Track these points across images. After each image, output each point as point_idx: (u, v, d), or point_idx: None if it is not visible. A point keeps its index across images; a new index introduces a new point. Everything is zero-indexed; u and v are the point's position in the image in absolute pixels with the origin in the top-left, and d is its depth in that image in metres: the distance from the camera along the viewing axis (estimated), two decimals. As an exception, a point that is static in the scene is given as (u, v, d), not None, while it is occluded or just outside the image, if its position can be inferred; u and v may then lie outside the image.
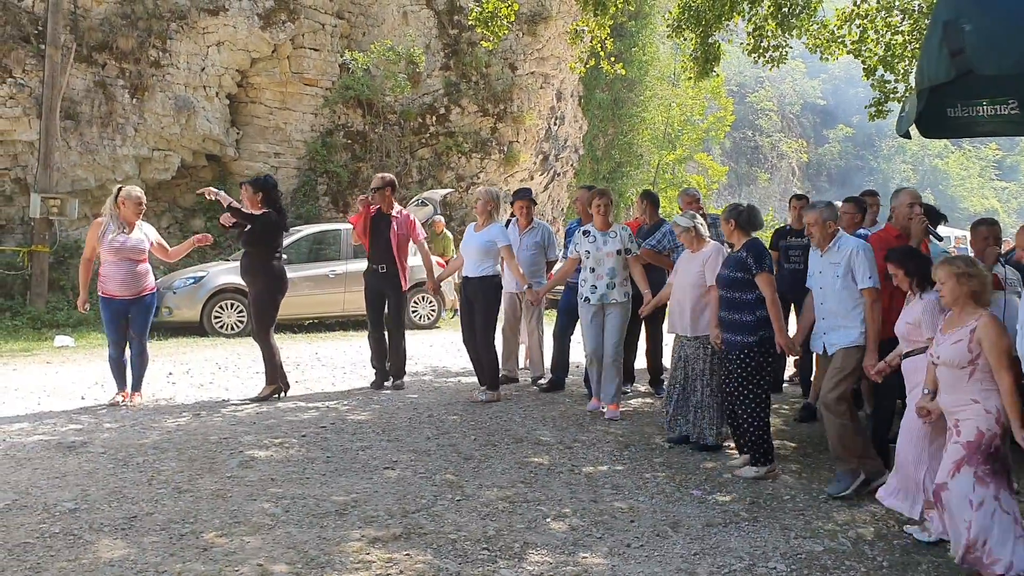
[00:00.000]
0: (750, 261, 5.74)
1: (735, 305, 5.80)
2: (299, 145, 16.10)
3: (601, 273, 7.17)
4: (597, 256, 7.17)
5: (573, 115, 21.91)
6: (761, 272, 5.71)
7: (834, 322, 5.50)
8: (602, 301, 7.17)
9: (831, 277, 5.50)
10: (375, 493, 5.07)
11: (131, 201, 7.08)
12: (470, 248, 7.76)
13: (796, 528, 4.81)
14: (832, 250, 5.53)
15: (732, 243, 6.07)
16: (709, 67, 11.08)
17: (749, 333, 5.73)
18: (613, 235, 7.20)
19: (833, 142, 59.62)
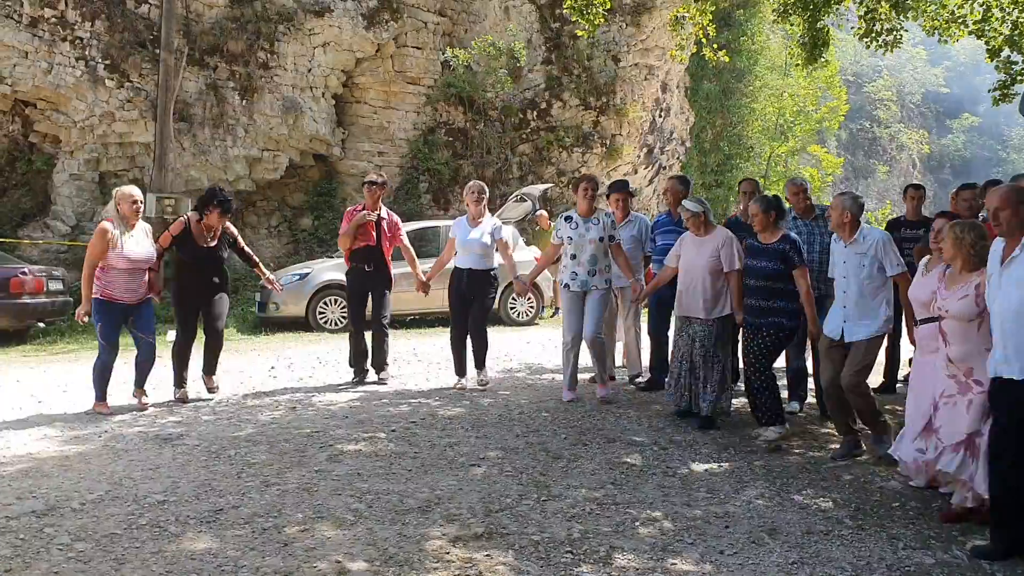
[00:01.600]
0: (793, 255, 6.10)
1: (773, 294, 6.14)
2: (402, 143, 16.27)
3: (582, 260, 7.22)
4: (579, 243, 7.22)
5: (679, 107, 21.44)
6: (802, 265, 6.13)
7: (857, 312, 5.75)
8: (583, 288, 7.22)
9: (856, 267, 5.75)
10: (459, 490, 4.98)
11: (126, 200, 6.89)
12: (472, 242, 7.81)
13: (905, 538, 4.48)
14: (857, 240, 5.78)
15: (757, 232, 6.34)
16: (817, 53, 10.55)
17: (788, 318, 6.18)
18: (596, 222, 7.24)
19: (957, 132, 56.81)
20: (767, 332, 6.19)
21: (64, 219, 13.82)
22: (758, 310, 6.22)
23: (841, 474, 5.57)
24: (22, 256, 12.89)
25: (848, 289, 5.81)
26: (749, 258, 6.33)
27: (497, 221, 8.18)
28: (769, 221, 6.22)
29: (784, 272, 6.13)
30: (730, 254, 6.54)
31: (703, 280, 6.59)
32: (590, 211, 7.35)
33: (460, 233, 7.93)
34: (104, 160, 14.05)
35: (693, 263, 6.68)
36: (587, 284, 7.26)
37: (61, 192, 13.89)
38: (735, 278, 6.50)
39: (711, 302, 6.62)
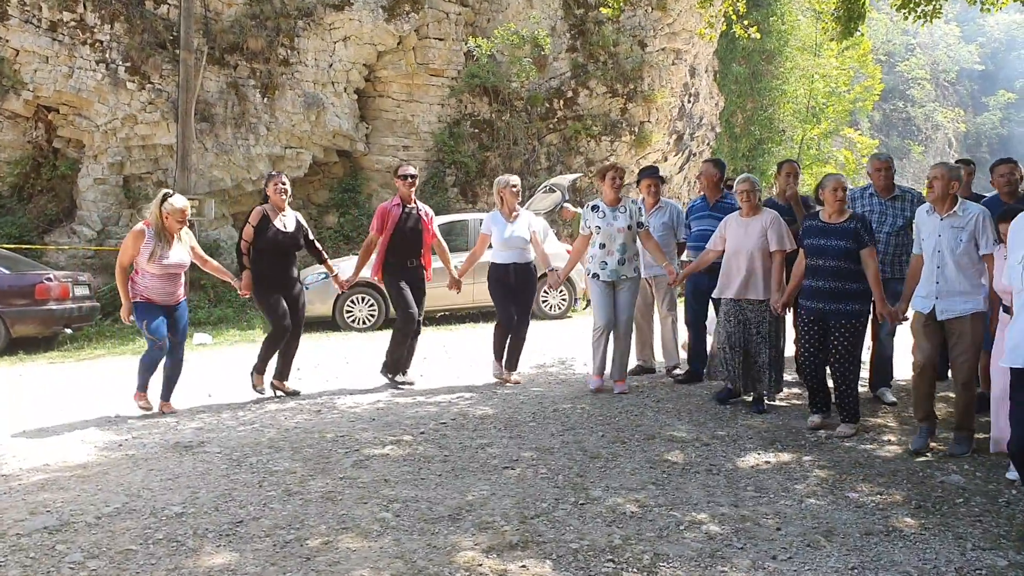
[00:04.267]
0: (864, 234, 5.84)
1: (841, 274, 5.85)
2: (427, 137, 16.01)
3: (612, 249, 7.11)
4: (608, 232, 7.10)
5: (708, 91, 20.99)
6: (872, 244, 5.87)
7: (952, 288, 5.42)
8: (613, 278, 7.08)
9: (952, 240, 5.40)
10: (492, 496, 4.70)
11: (176, 215, 6.71)
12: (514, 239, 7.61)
13: (973, 537, 4.14)
14: (956, 214, 5.44)
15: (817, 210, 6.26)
16: (853, 26, 10.09)
17: (858, 302, 5.89)
18: (623, 210, 7.16)
19: (994, 109, 55.67)
20: (842, 320, 5.89)
21: (90, 224, 13.74)
22: (828, 293, 5.91)
23: (897, 468, 5.23)
24: (48, 262, 12.82)
25: (942, 265, 5.45)
26: (816, 238, 6.00)
27: (531, 213, 7.98)
28: (839, 199, 5.95)
29: (855, 251, 5.86)
30: (778, 233, 6.45)
31: (755, 260, 6.48)
32: (617, 199, 7.24)
33: (497, 229, 7.68)
34: (128, 163, 13.95)
35: (741, 244, 6.54)
36: (617, 274, 7.13)
37: (86, 197, 13.81)
38: (780, 258, 6.43)
39: (754, 282, 6.51)
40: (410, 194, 7.71)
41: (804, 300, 6.09)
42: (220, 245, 13.78)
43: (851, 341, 5.92)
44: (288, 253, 7.26)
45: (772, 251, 6.47)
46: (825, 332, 5.98)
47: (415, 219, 7.67)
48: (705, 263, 6.98)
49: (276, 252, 7.15)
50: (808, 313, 6.04)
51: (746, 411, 6.64)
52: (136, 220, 13.82)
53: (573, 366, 8.80)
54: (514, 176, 8.00)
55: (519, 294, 7.70)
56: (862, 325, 5.97)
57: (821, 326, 5.99)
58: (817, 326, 6.01)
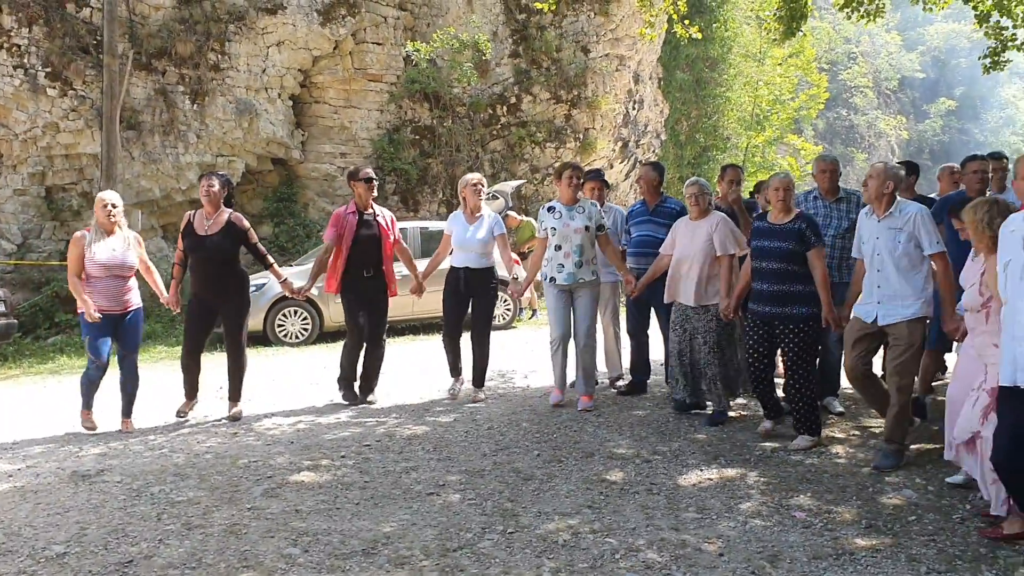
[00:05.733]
0: (810, 235, 5.62)
1: (786, 277, 5.64)
2: (365, 143, 15.55)
3: (568, 251, 6.75)
4: (564, 233, 6.75)
5: (653, 98, 20.84)
6: (819, 245, 5.65)
7: (892, 293, 5.24)
8: (570, 281, 6.72)
9: (890, 243, 5.23)
10: (413, 526, 4.32)
11: (98, 205, 6.49)
12: (471, 240, 7.22)
13: (927, 559, 3.88)
14: (894, 215, 5.28)
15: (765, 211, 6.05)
16: (796, 26, 9.95)
17: (806, 305, 5.64)
18: (580, 210, 6.83)
19: (935, 117, 56.65)
20: (790, 326, 5.65)
21: (9, 237, 13.04)
22: (773, 296, 5.69)
23: (846, 483, 4.97)
24: (-37, 279, 12.12)
25: (882, 268, 5.29)
26: (761, 240, 5.79)
27: (497, 215, 7.55)
28: (785, 199, 5.74)
29: (800, 253, 5.63)
30: (725, 237, 6.25)
31: (697, 265, 6.29)
32: (574, 199, 6.87)
33: (457, 229, 7.29)
34: (50, 173, 13.27)
35: (688, 249, 6.36)
36: (575, 277, 6.77)
37: (5, 209, 13.11)
38: (727, 262, 6.21)
39: (704, 288, 6.31)
40: (369, 198, 7.26)
41: (751, 304, 5.89)
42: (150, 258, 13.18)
43: (800, 347, 5.66)
44: (216, 260, 6.66)
45: (718, 256, 6.24)
46: (772, 337, 5.77)
47: (373, 226, 7.20)
48: (660, 269, 6.68)
49: (204, 260, 6.64)
50: (754, 317, 5.83)
51: (689, 423, 6.36)
52: (59, 232, 13.24)
53: (513, 379, 8.42)
54: (476, 174, 7.59)
55: (467, 302, 7.30)
56: (812, 330, 5.69)
57: (767, 331, 5.77)
58: (763, 331, 5.79)
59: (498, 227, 7.37)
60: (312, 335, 11.45)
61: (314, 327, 11.47)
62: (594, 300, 6.96)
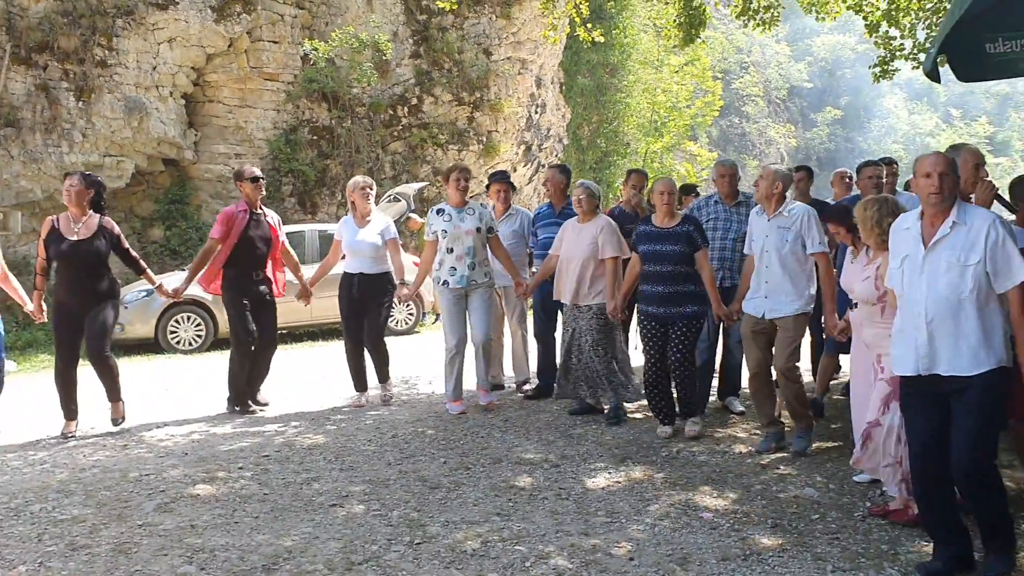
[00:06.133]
0: (697, 237, 5.87)
1: (678, 278, 5.85)
2: (261, 144, 15.07)
3: (460, 253, 6.69)
4: (455, 235, 6.68)
5: (555, 103, 20.93)
6: (705, 246, 5.92)
7: (778, 289, 5.48)
8: (464, 284, 6.67)
9: (778, 242, 5.47)
10: (316, 539, 4.15)
11: None
12: (361, 244, 7.03)
13: (832, 557, 3.94)
14: (781, 214, 5.52)
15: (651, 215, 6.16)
16: (695, 33, 10.11)
17: (696, 304, 5.91)
18: (471, 212, 6.76)
19: (822, 125, 58.82)
20: (680, 323, 5.90)
21: None
22: (666, 298, 5.88)
23: (751, 483, 5.02)
24: None
25: (770, 265, 5.52)
26: (650, 243, 5.95)
27: (388, 219, 7.34)
28: (671, 204, 5.98)
29: (690, 255, 5.86)
30: (608, 239, 6.30)
31: (585, 266, 6.33)
32: (463, 202, 6.80)
33: (348, 234, 7.08)
34: (-81, 173, 12.45)
35: (573, 250, 6.41)
36: (468, 280, 6.68)
37: None
38: (611, 264, 6.28)
39: (584, 288, 6.38)
40: (257, 198, 6.99)
41: (644, 306, 6.04)
42: (30, 262, 12.47)
43: (687, 343, 5.93)
44: (86, 266, 6.25)
45: (603, 257, 6.31)
46: (666, 338, 5.96)
47: (263, 227, 6.94)
48: (550, 270, 6.70)
49: (73, 266, 6.24)
50: (649, 319, 6.00)
51: (597, 426, 6.34)
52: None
53: (417, 385, 8.26)
54: (365, 177, 7.38)
55: (364, 308, 7.08)
56: (699, 326, 6.04)
57: (662, 331, 5.95)
58: (659, 331, 5.97)
59: (388, 231, 7.17)
60: (206, 341, 11.02)
61: (208, 333, 11.04)
62: (488, 303, 6.89)
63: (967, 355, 3.59)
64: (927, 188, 3.68)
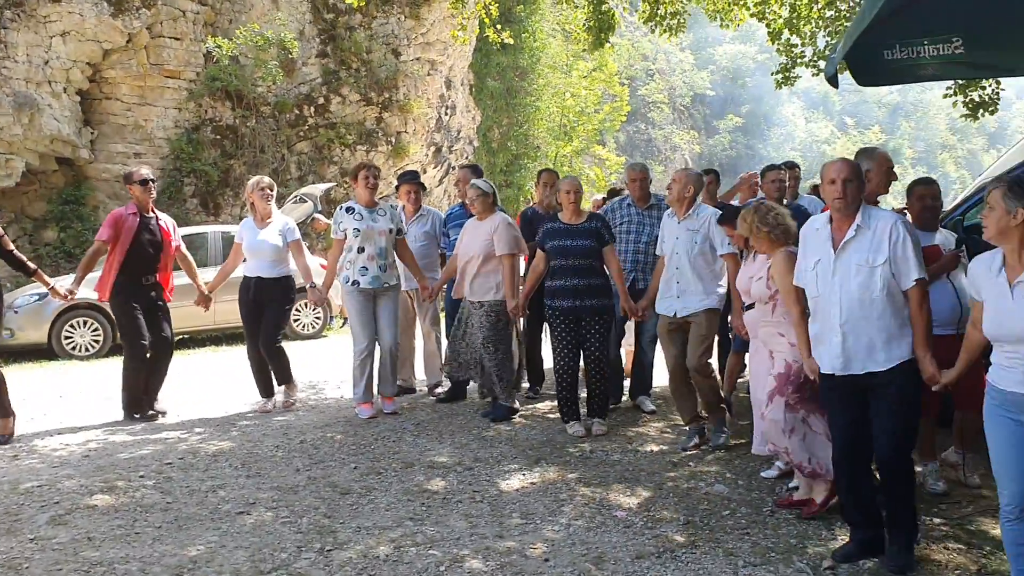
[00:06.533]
0: (605, 232, 6.04)
1: (588, 272, 5.99)
2: (162, 143, 14.58)
3: (372, 253, 6.59)
4: (367, 234, 6.57)
5: (465, 105, 20.89)
6: (612, 242, 6.12)
7: (689, 288, 5.68)
8: (376, 285, 6.58)
9: (688, 243, 5.67)
10: (222, 548, 4.00)
11: None
12: (261, 245, 6.85)
13: (743, 553, 3.99)
14: (691, 216, 5.72)
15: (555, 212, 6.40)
16: (604, 37, 10.22)
17: (605, 297, 6.06)
18: (383, 212, 6.69)
19: (723, 132, 60.36)
20: (594, 317, 6.02)
21: None
22: (578, 291, 5.98)
23: (663, 481, 5.07)
24: None
25: (680, 266, 5.72)
26: (560, 239, 6.05)
27: (290, 220, 7.13)
28: (577, 201, 6.12)
29: (598, 250, 6.02)
30: (503, 238, 6.31)
31: (479, 263, 6.36)
32: (373, 201, 6.69)
33: (248, 236, 6.86)
34: None
35: (469, 247, 6.44)
36: (380, 280, 6.57)
37: None
38: (508, 262, 6.30)
39: (477, 284, 6.40)
40: (148, 201, 6.74)
41: (554, 301, 6.09)
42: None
43: (602, 336, 6.07)
44: None
45: (500, 255, 6.31)
46: (579, 330, 6.05)
47: (154, 230, 6.69)
48: (453, 271, 6.70)
49: None
50: (561, 313, 6.06)
51: (511, 428, 6.32)
52: None
53: (325, 390, 8.07)
54: (265, 177, 7.16)
55: (263, 311, 6.88)
56: (611, 320, 6.21)
57: (575, 324, 6.04)
58: (572, 324, 6.05)
59: (291, 233, 6.98)
60: (104, 347, 10.58)
61: (106, 338, 10.60)
62: (397, 304, 6.82)
63: (881, 352, 3.72)
64: (832, 194, 3.81)
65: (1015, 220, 3.17)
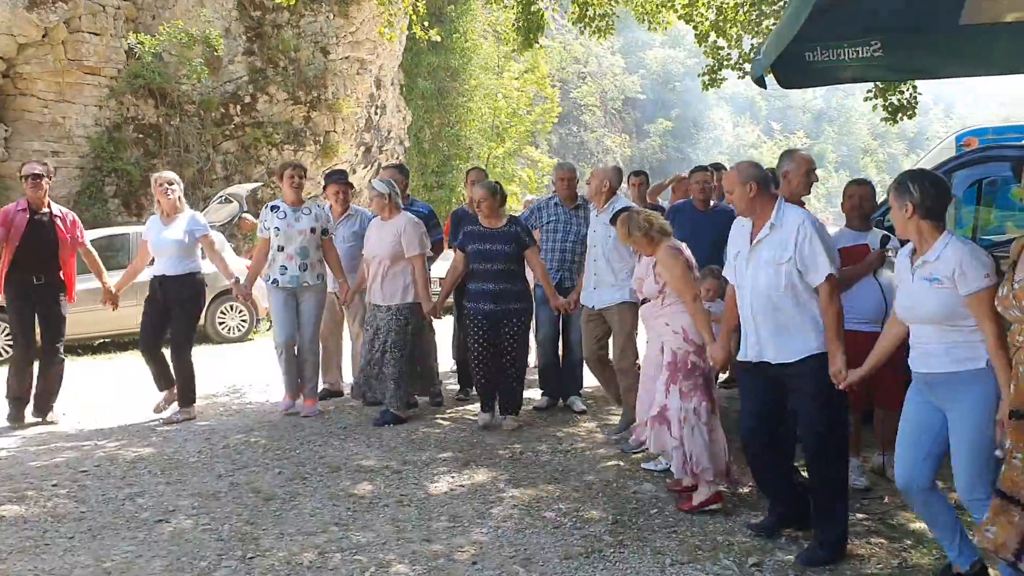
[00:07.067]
0: (525, 236, 6.14)
1: (507, 276, 6.08)
2: (81, 142, 14.12)
3: (292, 253, 6.56)
4: (288, 234, 6.56)
5: (395, 104, 20.71)
6: (533, 245, 6.21)
7: (605, 280, 5.91)
8: (294, 284, 6.56)
9: (604, 236, 5.86)
10: (139, 558, 3.87)
11: None
12: (164, 242, 6.59)
13: (670, 551, 4.01)
14: (608, 211, 5.86)
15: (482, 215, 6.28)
16: (532, 38, 10.24)
17: (523, 301, 6.20)
18: (307, 211, 6.66)
19: (653, 136, 61.11)
20: (511, 319, 6.12)
21: None
22: (496, 295, 6.09)
23: (592, 481, 5.07)
24: None
25: (598, 258, 5.94)
26: (480, 243, 6.16)
27: (198, 216, 6.91)
28: (496, 205, 6.17)
29: (516, 255, 6.13)
30: (411, 239, 6.25)
31: (385, 264, 6.30)
32: (299, 200, 6.66)
33: (153, 233, 6.63)
34: None
35: (375, 248, 6.38)
36: (299, 280, 6.54)
37: None
38: (419, 263, 6.29)
39: (387, 286, 6.33)
40: (39, 197, 6.48)
41: (473, 303, 6.19)
42: None
43: (520, 339, 6.19)
44: None
45: (408, 256, 6.27)
46: (496, 333, 6.12)
47: (47, 227, 6.45)
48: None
49: None
50: (478, 315, 6.15)
51: (441, 431, 6.26)
52: None
53: (248, 394, 7.87)
54: (165, 172, 6.94)
55: (170, 313, 6.60)
56: (528, 323, 6.33)
57: (492, 327, 6.12)
58: (488, 327, 6.13)
59: (199, 228, 6.70)
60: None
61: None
62: (319, 305, 6.76)
63: (789, 344, 3.89)
64: (728, 200, 4.22)
65: (907, 213, 3.40)
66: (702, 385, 4.63)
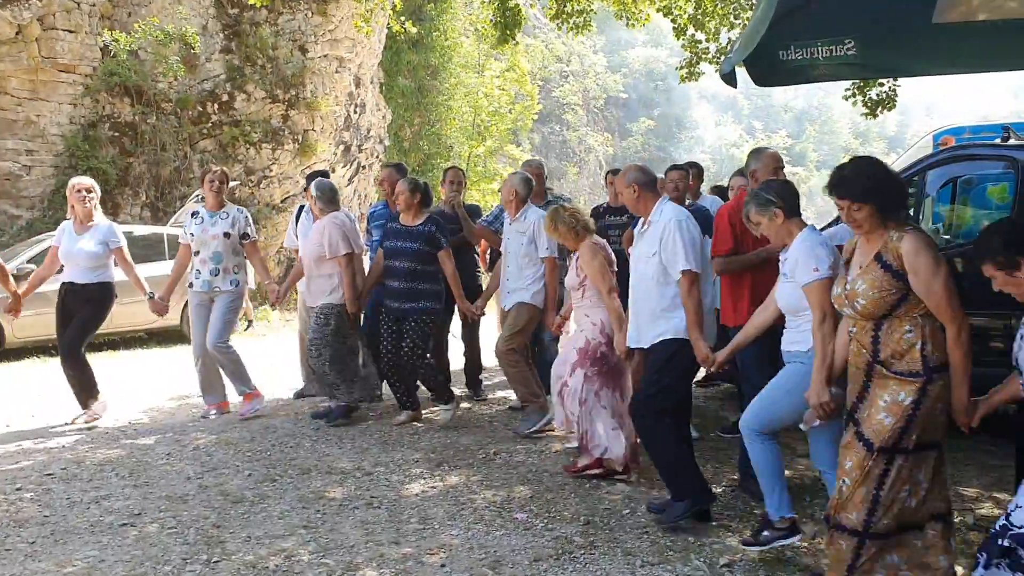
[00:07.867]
0: (440, 236, 6.18)
1: (414, 275, 6.14)
2: (56, 140, 13.96)
3: (205, 258, 6.60)
4: (201, 239, 6.60)
5: (375, 103, 20.61)
6: (447, 247, 6.23)
7: (512, 284, 6.19)
8: (206, 289, 6.59)
9: (516, 244, 6.14)
10: (101, 563, 3.80)
11: None
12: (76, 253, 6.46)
13: (641, 552, 3.98)
14: (519, 219, 6.15)
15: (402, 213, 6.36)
16: (510, 34, 10.21)
17: (430, 300, 6.21)
18: (224, 216, 6.69)
19: (636, 135, 61.20)
20: (418, 318, 6.16)
21: None
22: (403, 293, 6.16)
23: (565, 482, 5.04)
24: None
25: (510, 263, 6.21)
26: (393, 239, 6.24)
27: (115, 227, 6.66)
28: (414, 203, 6.22)
29: (431, 253, 6.17)
30: (334, 239, 6.23)
31: (311, 266, 6.40)
32: (218, 205, 6.67)
33: (66, 242, 6.46)
34: None
35: (305, 249, 6.57)
36: (210, 285, 6.57)
37: None
38: (344, 263, 6.23)
39: (314, 287, 6.43)
40: None
41: (385, 300, 6.29)
42: None
43: (418, 336, 6.14)
44: None
45: (329, 257, 6.26)
46: (401, 332, 6.20)
47: None
48: (299, 273, 6.89)
49: None
50: (388, 312, 6.24)
51: (414, 432, 6.22)
52: None
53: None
54: (84, 178, 6.77)
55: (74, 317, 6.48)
56: (431, 322, 6.27)
57: (397, 325, 6.18)
58: (395, 326, 6.19)
59: (114, 240, 6.54)
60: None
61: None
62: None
63: (652, 331, 4.40)
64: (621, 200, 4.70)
65: (777, 220, 3.75)
66: (607, 373, 5.02)
